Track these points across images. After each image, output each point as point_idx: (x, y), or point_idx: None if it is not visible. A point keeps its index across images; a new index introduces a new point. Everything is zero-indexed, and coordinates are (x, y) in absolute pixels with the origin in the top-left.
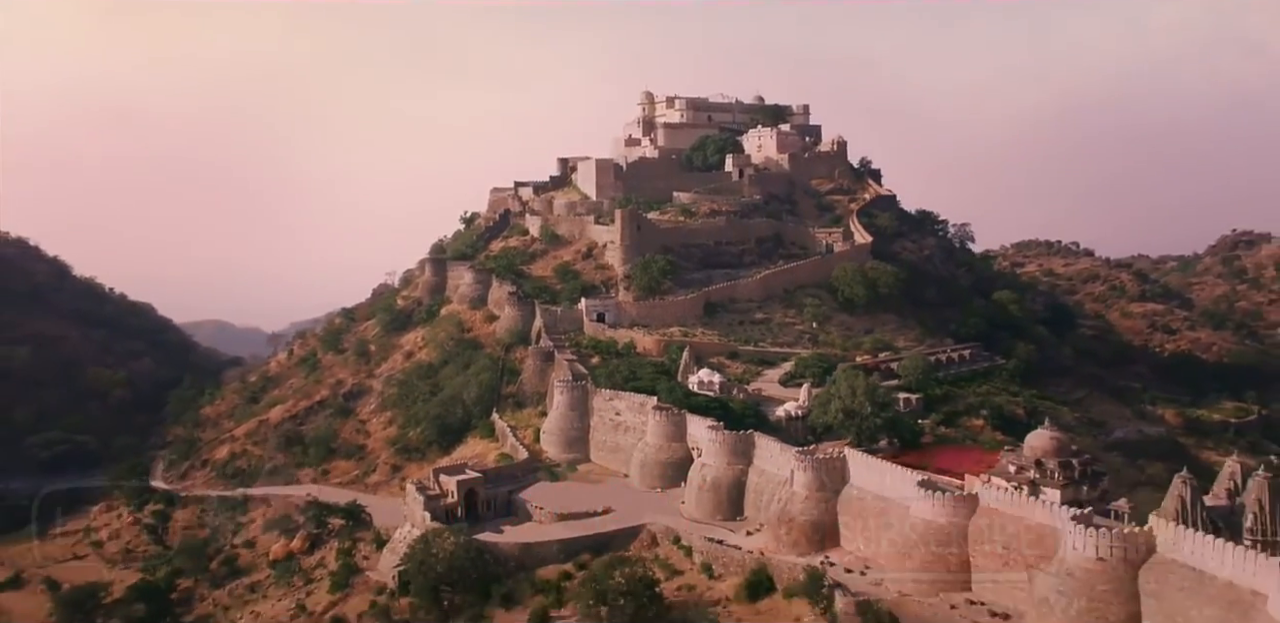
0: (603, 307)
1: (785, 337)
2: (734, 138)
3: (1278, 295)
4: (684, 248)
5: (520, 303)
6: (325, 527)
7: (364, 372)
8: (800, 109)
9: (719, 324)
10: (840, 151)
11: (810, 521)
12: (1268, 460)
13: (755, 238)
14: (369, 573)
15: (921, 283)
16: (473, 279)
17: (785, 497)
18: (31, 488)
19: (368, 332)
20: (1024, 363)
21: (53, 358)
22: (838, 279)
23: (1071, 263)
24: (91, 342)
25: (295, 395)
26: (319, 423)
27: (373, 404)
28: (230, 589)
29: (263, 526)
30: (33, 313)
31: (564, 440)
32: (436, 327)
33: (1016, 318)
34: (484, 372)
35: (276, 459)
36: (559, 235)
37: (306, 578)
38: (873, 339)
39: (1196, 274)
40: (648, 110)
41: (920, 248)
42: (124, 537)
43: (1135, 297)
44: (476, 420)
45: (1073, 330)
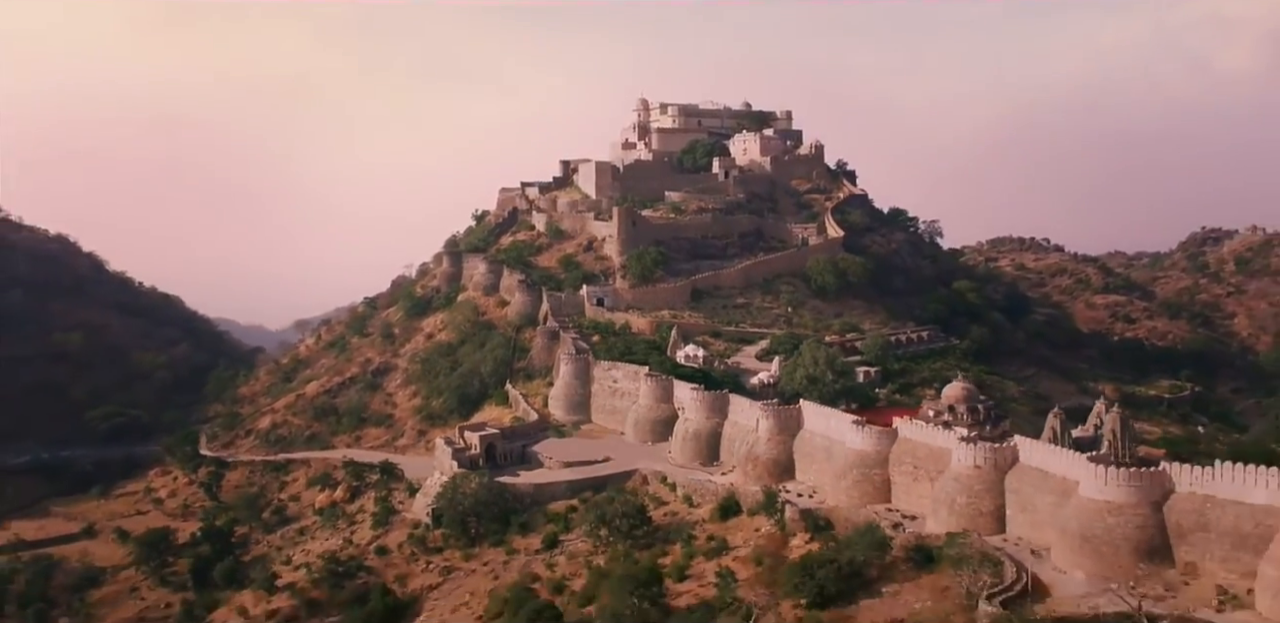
0: (602, 293)
1: (763, 319)
2: (721, 142)
3: (1235, 288)
4: (674, 241)
5: (529, 290)
6: (363, 480)
7: (389, 351)
8: (783, 115)
9: (704, 308)
10: (818, 154)
11: (771, 458)
12: (1193, 429)
13: (738, 232)
14: (405, 514)
15: (888, 273)
16: (486, 269)
17: (752, 441)
18: (93, 456)
19: (391, 316)
20: (977, 344)
21: (100, 343)
22: (811, 269)
23: (1042, 258)
24: (132, 329)
25: (328, 373)
26: (351, 396)
27: (398, 379)
28: (282, 534)
29: (305, 482)
30: (79, 303)
31: (569, 405)
32: (454, 311)
33: (974, 305)
34: (498, 349)
35: (314, 428)
36: (562, 230)
37: (350, 521)
38: (841, 322)
39: (1164, 269)
40: (643, 116)
41: (889, 242)
42: (181, 495)
43: (1099, 289)
44: (492, 391)
45: (1026, 317)
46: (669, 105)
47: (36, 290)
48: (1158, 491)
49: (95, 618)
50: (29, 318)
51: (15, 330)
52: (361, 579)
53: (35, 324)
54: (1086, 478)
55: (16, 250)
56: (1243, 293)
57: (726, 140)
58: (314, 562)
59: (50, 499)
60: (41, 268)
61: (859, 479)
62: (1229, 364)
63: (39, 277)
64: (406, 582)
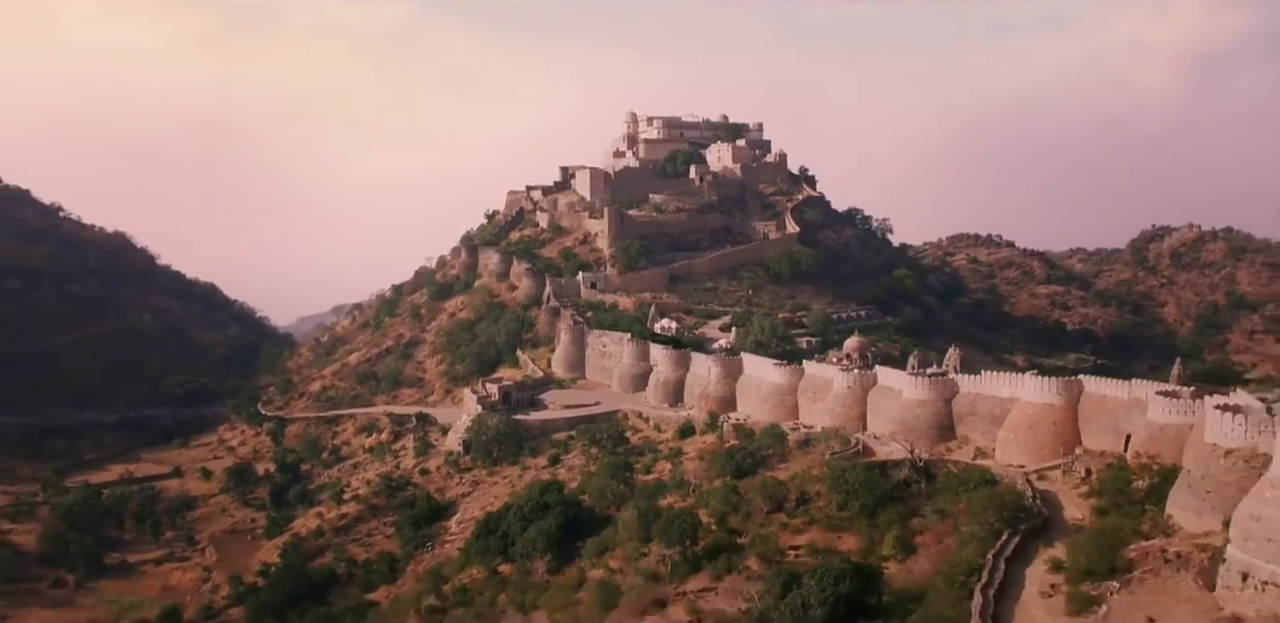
0: (594, 278)
1: (727, 300)
2: (699, 151)
3: (1167, 280)
4: (655, 236)
5: (534, 276)
6: (403, 426)
7: (418, 328)
8: (755, 126)
9: (679, 291)
10: (782, 162)
11: (719, 395)
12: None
13: (709, 229)
14: (439, 447)
15: (837, 263)
16: (498, 260)
17: (705, 384)
18: (171, 415)
19: (417, 300)
20: (907, 321)
21: (165, 324)
22: (770, 259)
23: (994, 252)
24: (189, 313)
25: (366, 346)
26: (388, 363)
27: (427, 350)
28: (339, 468)
29: (354, 431)
30: (143, 290)
31: (567, 365)
32: (472, 294)
33: (910, 289)
34: (509, 324)
35: (357, 390)
36: (562, 227)
37: (394, 455)
38: (793, 303)
39: (1110, 263)
40: (632, 128)
41: (839, 237)
42: (250, 444)
43: (1042, 280)
44: (505, 356)
45: (955, 300)
46: (654, 118)
47: (108, 280)
48: (949, 391)
49: (196, 530)
50: (106, 303)
51: (97, 314)
52: (410, 491)
53: (112, 308)
54: (907, 387)
55: (87, 246)
56: (1174, 284)
57: (704, 149)
58: (372, 480)
59: (140, 449)
60: (109, 261)
61: (776, 404)
62: (1150, 345)
63: (108, 268)
64: (444, 492)
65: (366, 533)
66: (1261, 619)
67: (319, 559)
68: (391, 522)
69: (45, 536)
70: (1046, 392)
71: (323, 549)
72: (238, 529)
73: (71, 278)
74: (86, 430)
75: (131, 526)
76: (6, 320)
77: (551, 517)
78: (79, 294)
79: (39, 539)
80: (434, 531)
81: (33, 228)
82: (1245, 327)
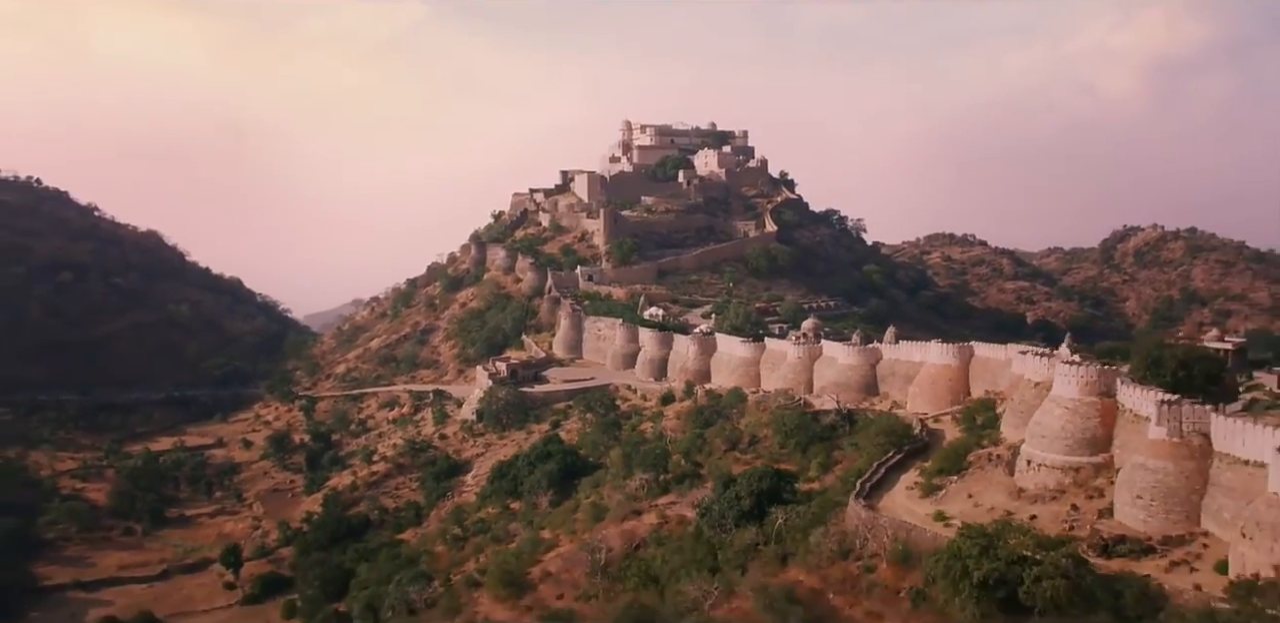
0: (591, 272)
1: (710, 292)
2: (688, 157)
3: (1130, 276)
4: (646, 234)
5: (537, 270)
6: (422, 400)
7: (433, 316)
8: (741, 134)
9: (666, 283)
10: (764, 167)
11: (696, 369)
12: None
13: (695, 228)
14: (454, 417)
15: (811, 259)
16: (505, 255)
17: (684, 360)
18: (210, 394)
19: (431, 291)
20: (872, 311)
21: (200, 314)
22: (749, 255)
23: (967, 251)
24: (220, 305)
25: (385, 333)
26: (406, 348)
27: (441, 335)
28: (365, 437)
29: (377, 406)
30: (177, 284)
31: (567, 347)
32: (481, 286)
33: (877, 283)
34: (515, 312)
35: (379, 371)
36: (562, 226)
37: (415, 425)
38: (769, 294)
39: (1079, 261)
40: (627, 135)
41: (814, 235)
42: (283, 419)
43: (1010, 277)
44: (512, 340)
45: (920, 293)
46: (648, 126)
47: (147, 274)
48: (874, 358)
49: (243, 489)
50: (146, 295)
51: (139, 304)
52: (431, 453)
53: (151, 299)
54: (842, 355)
55: (124, 243)
56: (1135, 280)
57: (692, 155)
58: (398, 444)
59: (184, 424)
60: (145, 256)
61: (742, 374)
62: (1107, 337)
63: (145, 263)
64: (461, 453)
65: (394, 487)
66: (1036, 489)
67: (354, 509)
68: (416, 478)
69: (114, 492)
70: (946, 355)
71: (357, 500)
72: (279, 489)
73: (114, 272)
74: (136, 407)
75: (186, 486)
76: (61, 310)
77: (553, 462)
78: (123, 287)
79: (109, 496)
80: (453, 484)
81: (75, 226)
82: (1196, 319)
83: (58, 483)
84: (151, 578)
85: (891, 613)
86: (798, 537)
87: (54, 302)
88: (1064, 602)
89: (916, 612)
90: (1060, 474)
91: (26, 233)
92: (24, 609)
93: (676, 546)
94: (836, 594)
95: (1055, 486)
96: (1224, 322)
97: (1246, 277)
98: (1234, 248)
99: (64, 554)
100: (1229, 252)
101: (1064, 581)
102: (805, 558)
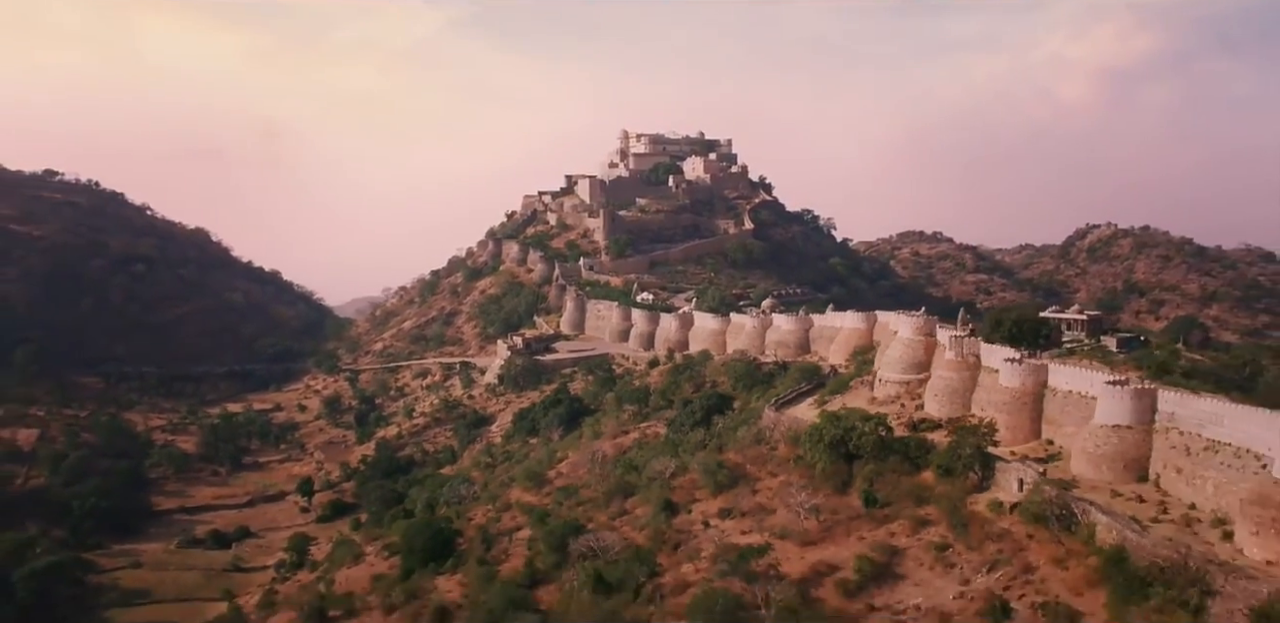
0: (592, 263)
1: (694, 280)
2: (678, 163)
3: (1082, 270)
4: (640, 231)
5: (546, 262)
6: (450, 371)
7: (456, 302)
8: (725, 142)
9: (657, 273)
10: (744, 172)
11: (678, 340)
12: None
13: (682, 226)
14: (479, 382)
15: (784, 253)
16: (518, 249)
17: (668, 333)
18: (265, 368)
19: (454, 281)
20: (835, 298)
21: (250, 301)
22: (728, 250)
23: (934, 247)
24: (265, 293)
25: (415, 316)
26: (434, 328)
27: (464, 317)
28: (402, 401)
29: (411, 376)
30: (228, 275)
31: (572, 325)
32: (498, 276)
33: (841, 274)
34: (528, 297)
35: (411, 348)
36: (567, 224)
37: (446, 389)
38: (744, 283)
39: (1040, 257)
40: (624, 143)
41: (787, 232)
42: (330, 388)
43: (971, 270)
44: (525, 321)
45: (879, 283)
46: (643, 135)
47: (201, 266)
48: (807, 325)
49: (303, 442)
50: (203, 284)
51: (199, 293)
52: (461, 409)
53: (209, 288)
54: (784, 323)
55: (178, 238)
56: (1086, 274)
57: (682, 162)
58: (434, 403)
59: (245, 393)
60: (198, 251)
61: (713, 342)
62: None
63: (200, 257)
64: (486, 409)
65: (433, 436)
66: (884, 397)
67: (401, 452)
68: (450, 428)
69: (201, 443)
70: (857, 321)
71: (403, 446)
72: (334, 441)
73: (176, 264)
74: (204, 378)
75: (256, 440)
76: (139, 296)
77: (562, 406)
78: (185, 277)
79: (197, 445)
80: (481, 432)
81: (136, 224)
82: (1134, 308)
83: (152, 436)
84: (240, 505)
85: (781, 471)
86: (731, 434)
87: (131, 289)
88: (875, 451)
89: (796, 469)
90: (898, 386)
91: (98, 230)
92: (143, 528)
93: (652, 447)
94: (751, 465)
95: (895, 394)
96: (1158, 310)
97: (1182, 270)
98: (1176, 244)
99: (166, 489)
100: (1170, 247)
101: (875, 437)
102: (734, 445)
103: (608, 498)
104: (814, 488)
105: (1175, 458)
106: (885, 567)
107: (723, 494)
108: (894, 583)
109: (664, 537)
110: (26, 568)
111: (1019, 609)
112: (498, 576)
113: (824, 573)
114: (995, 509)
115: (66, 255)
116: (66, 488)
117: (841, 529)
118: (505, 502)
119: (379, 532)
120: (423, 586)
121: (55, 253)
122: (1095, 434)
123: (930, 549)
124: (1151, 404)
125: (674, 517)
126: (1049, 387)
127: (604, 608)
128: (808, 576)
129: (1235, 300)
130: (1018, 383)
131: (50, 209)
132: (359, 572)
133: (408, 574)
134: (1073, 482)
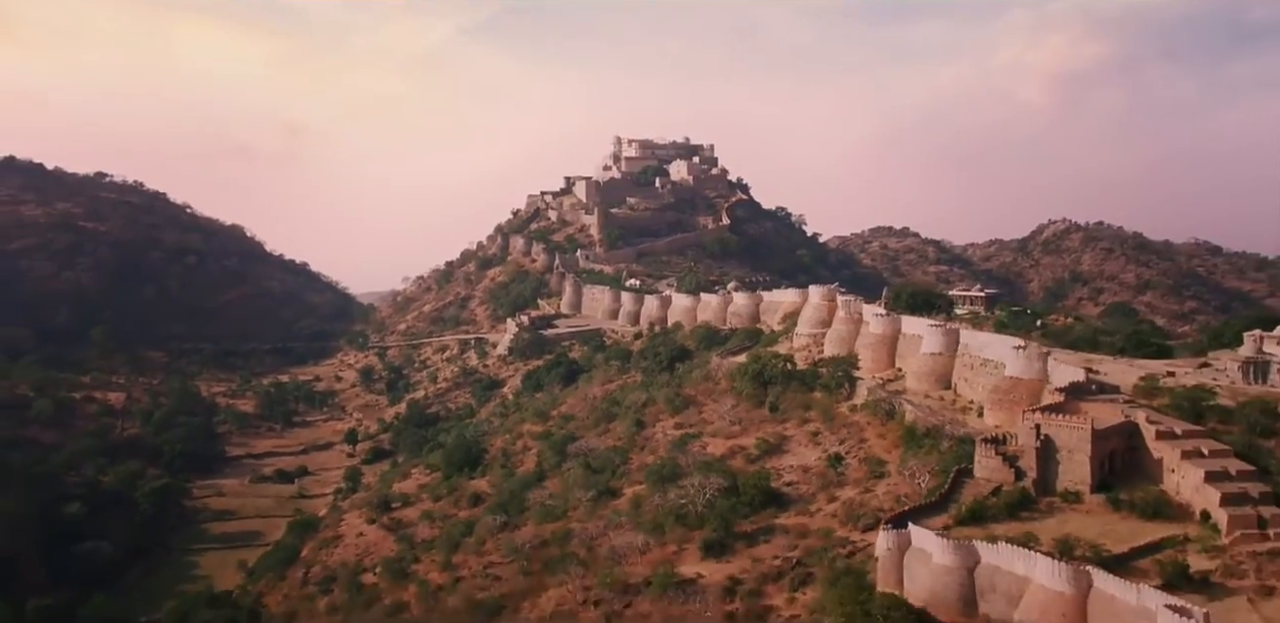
0: (588, 254)
1: (677, 270)
2: (665, 166)
3: (1036, 262)
4: (630, 227)
5: (548, 253)
6: (466, 345)
7: (469, 288)
8: (708, 147)
9: (644, 263)
10: (724, 174)
11: (659, 317)
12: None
13: (667, 222)
14: (491, 354)
15: (757, 246)
16: (523, 242)
17: (650, 311)
18: (303, 346)
19: (467, 270)
20: (799, 285)
21: (286, 289)
22: (707, 243)
23: (902, 241)
24: (298, 283)
25: (434, 300)
26: (450, 311)
27: (477, 301)
28: (426, 371)
29: (432, 351)
30: (265, 267)
31: (570, 306)
32: (506, 266)
33: (806, 264)
34: (532, 283)
35: (431, 328)
36: (567, 221)
37: (464, 360)
38: (721, 272)
39: (1002, 250)
40: (617, 148)
41: (760, 228)
42: (361, 363)
43: (934, 261)
44: (530, 303)
45: (840, 272)
46: (634, 141)
47: (241, 258)
48: (758, 301)
49: (343, 405)
50: (245, 274)
51: (242, 282)
52: (477, 375)
53: (250, 278)
54: (740, 300)
55: (219, 233)
56: (1040, 265)
57: (668, 165)
58: (454, 372)
59: (287, 366)
60: (236, 244)
61: (688, 318)
62: None
63: (240, 250)
64: (499, 375)
65: (454, 397)
66: (799, 346)
67: (428, 410)
68: (468, 391)
69: (259, 404)
70: (797, 296)
71: (430, 405)
72: (369, 405)
73: (220, 256)
74: (252, 354)
75: (302, 403)
76: (194, 284)
77: (563, 367)
78: (229, 268)
79: (255, 406)
80: (495, 393)
81: (182, 221)
82: (1077, 295)
83: (215, 400)
84: (296, 452)
85: (719, 394)
86: (687, 375)
87: (185, 278)
88: (782, 378)
89: (730, 395)
90: (808, 338)
91: (152, 226)
92: (219, 469)
93: (630, 388)
94: (700, 395)
95: (806, 344)
96: (1098, 297)
97: (1121, 261)
98: (1121, 238)
99: (233, 441)
100: (1115, 241)
101: (782, 369)
102: (689, 383)
103: (595, 422)
104: (740, 405)
105: (964, 372)
106: (777, 446)
107: (678, 415)
108: (780, 455)
109: (635, 441)
110: (144, 487)
111: (850, 462)
112: (515, 474)
113: (736, 452)
114: (851, 410)
115: (128, 249)
116: (157, 436)
117: (754, 428)
118: (518, 433)
119: (419, 460)
120: (460, 484)
121: (119, 247)
122: (920, 360)
123: (807, 436)
124: (956, 339)
125: (643, 431)
126: (901, 333)
127: (591, 480)
128: (725, 453)
129: (1167, 289)
130: (881, 330)
131: (110, 207)
132: (407, 485)
133: (448, 479)
134: (904, 391)
